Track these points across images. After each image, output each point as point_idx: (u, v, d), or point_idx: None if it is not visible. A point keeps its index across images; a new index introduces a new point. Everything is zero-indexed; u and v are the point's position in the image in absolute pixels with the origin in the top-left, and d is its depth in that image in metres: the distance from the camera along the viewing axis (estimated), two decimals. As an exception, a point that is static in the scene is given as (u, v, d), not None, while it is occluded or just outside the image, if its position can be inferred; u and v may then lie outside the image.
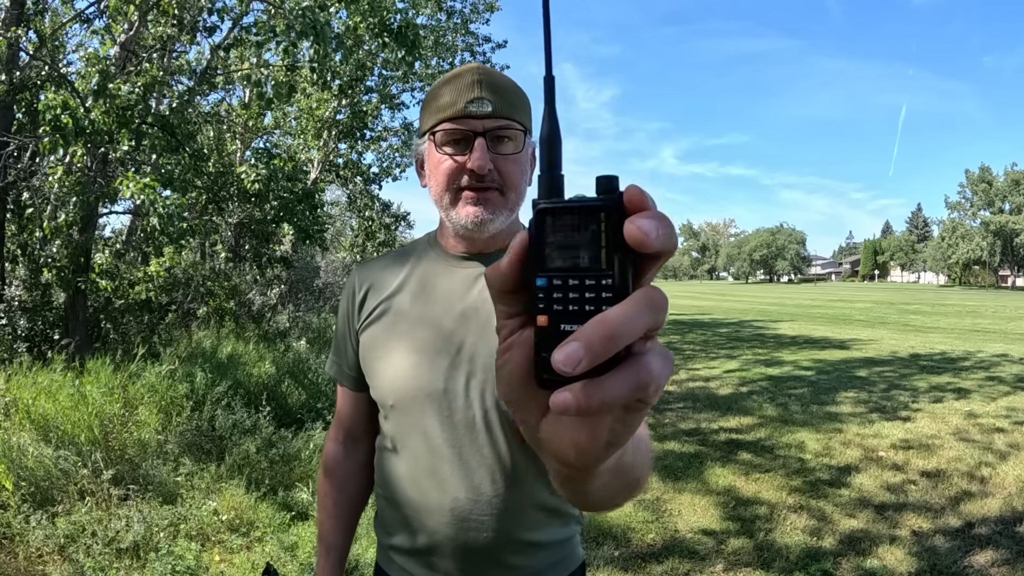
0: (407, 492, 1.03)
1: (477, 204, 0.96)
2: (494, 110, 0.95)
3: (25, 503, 3.22)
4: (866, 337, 13.55)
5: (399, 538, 1.06)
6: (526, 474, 1.00)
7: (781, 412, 6.34)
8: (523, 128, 0.99)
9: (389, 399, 1.03)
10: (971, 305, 28.10)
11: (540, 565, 1.03)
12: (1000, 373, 8.57)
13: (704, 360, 10.08)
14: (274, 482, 3.76)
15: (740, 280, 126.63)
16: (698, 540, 3.47)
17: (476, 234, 0.99)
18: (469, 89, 0.95)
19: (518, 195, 1.00)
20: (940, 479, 4.41)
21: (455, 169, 0.96)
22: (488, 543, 0.98)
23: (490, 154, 0.95)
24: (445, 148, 0.97)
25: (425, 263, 1.08)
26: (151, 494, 3.48)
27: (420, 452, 1.00)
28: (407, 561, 1.05)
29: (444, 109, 0.96)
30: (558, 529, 1.05)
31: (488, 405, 0.98)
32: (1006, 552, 3.32)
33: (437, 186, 0.99)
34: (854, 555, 3.29)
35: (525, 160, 1.01)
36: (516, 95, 0.99)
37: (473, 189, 0.96)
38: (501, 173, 0.96)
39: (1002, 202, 74.21)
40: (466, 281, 1.04)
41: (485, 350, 0.99)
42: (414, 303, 1.05)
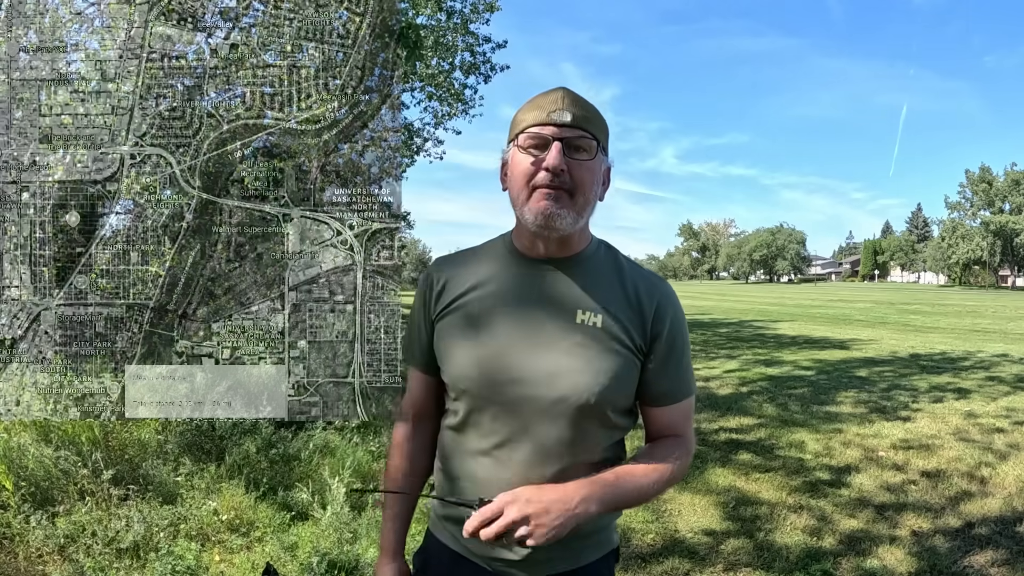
0: (467, 467, 1.16)
1: (547, 199, 1.05)
2: (573, 120, 1.06)
3: (25, 503, 3.22)
4: (866, 337, 13.55)
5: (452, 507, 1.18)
6: (577, 462, 1.12)
7: (781, 412, 6.34)
8: (598, 141, 1.09)
9: (461, 383, 1.14)
10: (971, 305, 28.10)
11: (578, 544, 1.16)
12: (1000, 373, 8.56)
13: (704, 360, 10.08)
14: (274, 482, 3.76)
15: (740, 280, 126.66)
16: (698, 540, 3.47)
17: (545, 229, 1.07)
18: (553, 102, 1.08)
19: (586, 200, 1.09)
20: (940, 479, 4.41)
21: (533, 167, 1.06)
22: None
23: (565, 158, 1.05)
24: (527, 150, 1.07)
25: (501, 262, 1.19)
26: (151, 494, 3.48)
27: (484, 432, 1.13)
28: (457, 529, 1.16)
29: (530, 117, 1.08)
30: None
31: (551, 398, 1.09)
32: (1006, 552, 3.32)
33: (515, 183, 1.10)
34: (854, 555, 3.30)
35: (597, 169, 1.10)
36: (595, 114, 1.11)
37: (546, 187, 1.05)
38: (573, 176, 1.06)
39: (1002, 202, 74.24)
40: (539, 283, 1.15)
41: (555, 347, 1.10)
42: (489, 299, 1.15)
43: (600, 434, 1.14)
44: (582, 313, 1.11)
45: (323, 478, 3.69)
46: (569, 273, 1.14)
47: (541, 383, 1.08)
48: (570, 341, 1.09)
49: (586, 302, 1.12)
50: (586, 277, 1.14)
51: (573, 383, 1.08)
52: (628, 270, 1.19)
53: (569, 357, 1.09)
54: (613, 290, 1.14)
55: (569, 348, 1.09)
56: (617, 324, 1.11)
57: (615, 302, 1.13)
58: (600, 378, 1.08)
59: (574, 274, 1.14)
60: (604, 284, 1.15)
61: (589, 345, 1.09)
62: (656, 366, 1.16)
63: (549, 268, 1.14)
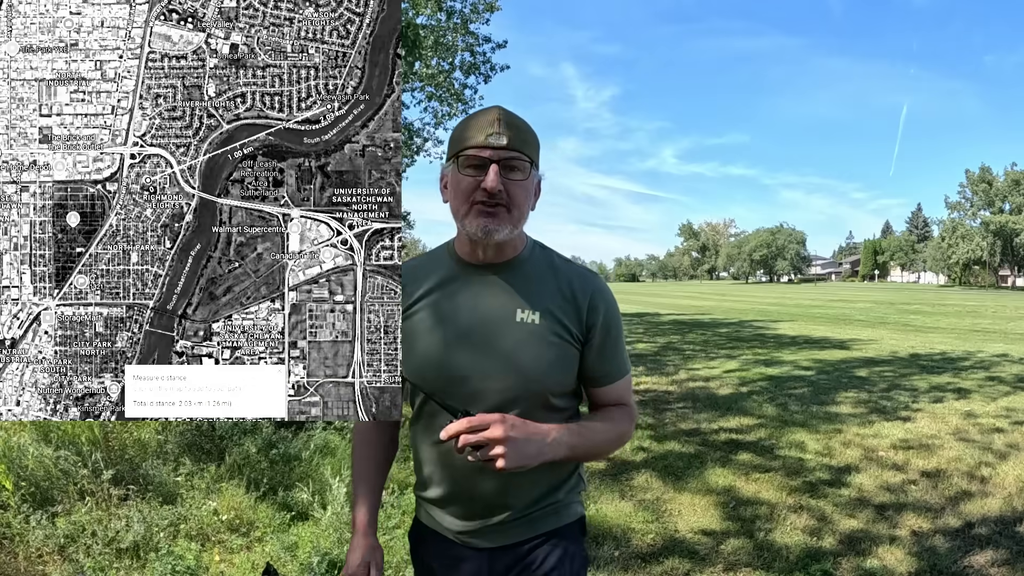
0: (430, 454, 1.31)
1: (486, 216, 1.16)
2: (508, 143, 1.15)
3: (25, 503, 3.22)
4: (866, 337, 13.55)
5: (428, 491, 1.35)
6: None
7: (781, 412, 6.34)
8: (531, 161, 1.19)
9: (420, 382, 1.24)
10: (971, 305, 28.11)
11: (533, 508, 1.30)
12: (1000, 373, 8.57)
13: (704, 360, 10.08)
14: (274, 482, 3.76)
15: (740, 280, 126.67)
16: (698, 540, 3.47)
17: (485, 240, 1.19)
18: (490, 125, 1.17)
19: (521, 213, 1.20)
20: (940, 479, 4.41)
21: (472, 187, 1.16)
22: (491, 491, 1.26)
23: (501, 178, 1.15)
24: (466, 170, 1.17)
25: (447, 270, 1.30)
26: (151, 494, 3.48)
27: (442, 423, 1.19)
28: (435, 509, 1.35)
29: (468, 139, 1.17)
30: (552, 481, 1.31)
31: (497, 389, 1.21)
32: (1006, 552, 3.32)
33: (456, 200, 1.20)
34: (854, 555, 3.30)
35: (530, 186, 1.21)
36: (529, 134, 1.20)
37: (485, 204, 1.16)
38: (509, 194, 1.16)
39: (1002, 202, 74.25)
40: (482, 288, 1.27)
41: (499, 345, 1.22)
42: (440, 303, 1.27)
43: (549, 415, 1.24)
44: (521, 312, 1.23)
45: (323, 478, 3.69)
46: (507, 277, 1.26)
47: (489, 378, 1.21)
48: (512, 339, 1.22)
49: (524, 302, 1.24)
50: (523, 279, 1.27)
51: (518, 375, 1.21)
52: (562, 268, 1.30)
53: (513, 353, 1.21)
54: (548, 288, 1.27)
55: (512, 345, 1.22)
56: (553, 318, 1.24)
57: (551, 299, 1.25)
58: (541, 367, 1.22)
59: (512, 277, 1.26)
60: (539, 284, 1.27)
61: (529, 340, 1.22)
62: (595, 352, 1.28)
63: (489, 273, 1.26)
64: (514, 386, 1.21)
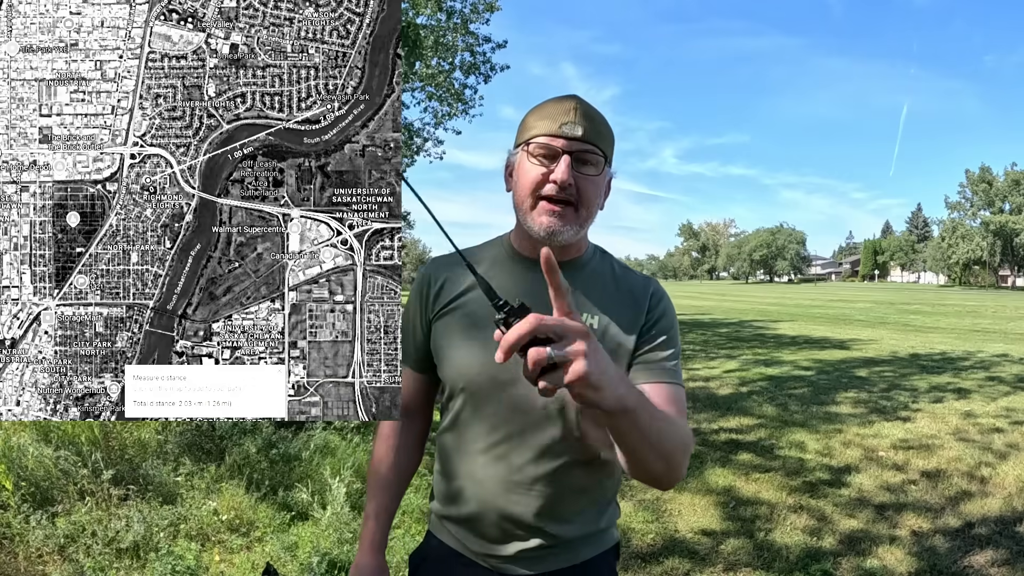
0: (465, 465, 1.17)
1: (553, 216, 1.08)
2: (583, 135, 1.07)
3: (25, 503, 3.22)
4: (866, 337, 13.55)
5: (451, 507, 1.21)
6: (569, 460, 1.14)
7: (781, 412, 6.34)
8: (605, 156, 1.10)
9: (460, 382, 1.15)
10: (971, 305, 28.10)
11: (573, 536, 1.17)
12: (1000, 373, 8.57)
13: (704, 360, 10.08)
14: (274, 482, 3.76)
15: (740, 280, 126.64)
16: (698, 540, 3.47)
17: (547, 242, 1.09)
18: (565, 113, 1.08)
19: (590, 213, 1.12)
20: (940, 479, 4.41)
21: (541, 178, 1.07)
22: (528, 514, 1.13)
23: (573, 172, 1.06)
24: (536, 159, 1.08)
25: (501, 263, 1.21)
26: (151, 494, 3.48)
27: (482, 431, 1.14)
28: (457, 528, 1.21)
29: (541, 126, 1.09)
30: (594, 514, 1.20)
31: (550, 399, 1.06)
32: (1006, 552, 3.33)
33: (522, 191, 1.11)
34: (854, 555, 3.30)
35: (602, 184, 1.12)
36: (605, 127, 1.11)
37: (552, 200, 1.07)
38: (579, 190, 1.07)
39: (1002, 202, 74.27)
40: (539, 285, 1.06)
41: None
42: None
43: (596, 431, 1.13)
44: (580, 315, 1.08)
45: (323, 478, 3.69)
46: (568, 277, 1.12)
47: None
48: None
49: (585, 304, 1.14)
50: (584, 281, 1.17)
51: None
52: (621, 274, 1.22)
53: None
54: (609, 292, 1.18)
55: None
56: (614, 325, 1.14)
57: (612, 304, 1.16)
58: None
59: (573, 278, 1.16)
60: (601, 287, 1.18)
61: None
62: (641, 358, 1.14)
63: None
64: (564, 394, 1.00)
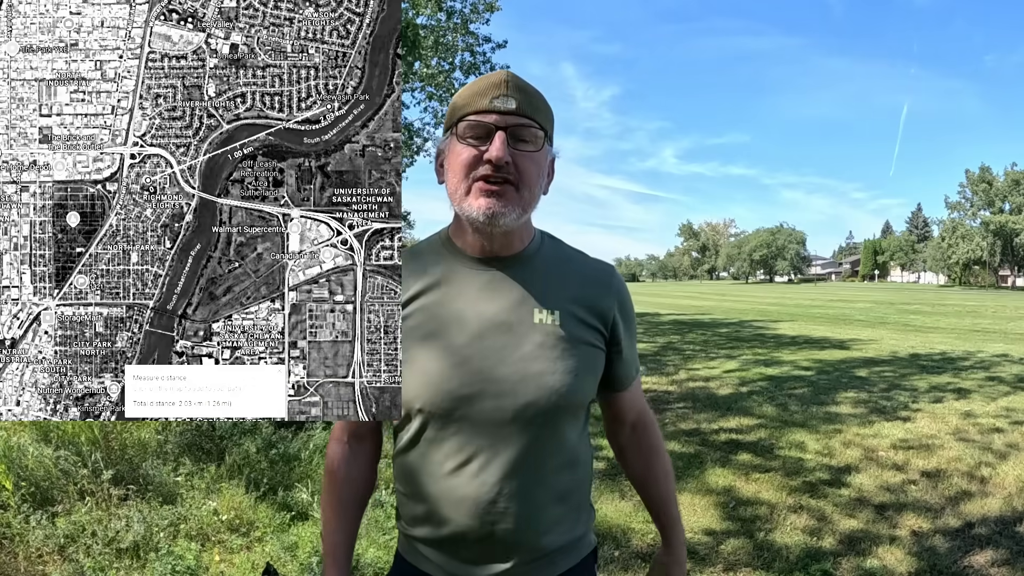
0: (433, 487, 1.06)
1: (490, 196, 0.97)
2: (518, 108, 0.97)
3: (25, 503, 3.22)
4: (866, 337, 13.55)
5: (423, 530, 1.09)
6: (551, 469, 1.06)
7: (781, 412, 6.34)
8: (544, 132, 1.01)
9: (417, 402, 1.03)
10: (971, 305, 28.10)
11: (552, 547, 1.09)
12: (1000, 373, 8.57)
13: (704, 360, 10.08)
14: (274, 482, 3.76)
15: (740, 280, 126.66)
16: (698, 540, 3.47)
17: (488, 227, 1.00)
18: (495, 87, 0.98)
19: (532, 194, 1.01)
20: (940, 479, 4.41)
21: (474, 159, 0.98)
22: (508, 531, 1.04)
23: (509, 148, 0.96)
24: (467, 140, 0.98)
25: (444, 266, 1.08)
26: (151, 494, 3.48)
27: (448, 452, 1.03)
28: (431, 551, 1.09)
29: (469, 104, 0.99)
30: (571, 517, 1.12)
31: (518, 406, 1.01)
32: (1006, 552, 3.33)
33: (454, 176, 1.00)
34: (854, 555, 3.30)
35: (543, 161, 1.02)
36: (541, 100, 1.02)
37: (489, 181, 0.97)
38: (519, 168, 0.98)
39: (1002, 202, 74.26)
40: (489, 285, 1.06)
41: (514, 355, 1.02)
42: (438, 307, 1.05)
43: (569, 433, 1.07)
44: (539, 312, 1.04)
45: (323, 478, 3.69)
46: (518, 272, 1.06)
47: (506, 393, 1.01)
48: (530, 343, 1.02)
49: (540, 300, 1.05)
50: (536, 274, 1.07)
51: (540, 387, 1.01)
52: (576, 260, 1.13)
53: (532, 361, 1.02)
54: (565, 284, 1.08)
55: (530, 351, 1.02)
56: (575, 318, 1.06)
57: (569, 296, 1.07)
58: (567, 377, 1.02)
59: (523, 272, 1.06)
60: (555, 279, 1.08)
61: (551, 344, 1.03)
62: (619, 351, 1.13)
63: (496, 269, 1.06)
64: (535, 401, 1.01)
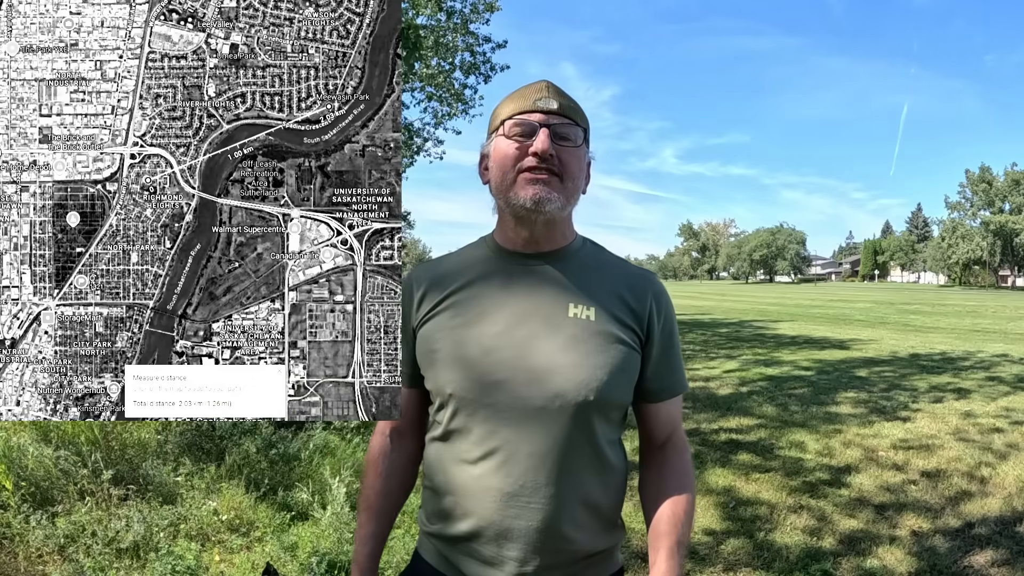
0: (457, 478, 1.06)
1: (537, 184, 1.02)
2: (559, 108, 1.05)
3: (25, 503, 3.22)
4: (866, 337, 13.55)
5: (442, 525, 1.10)
6: (578, 468, 1.05)
7: (781, 412, 6.34)
8: (583, 130, 1.07)
9: (447, 388, 1.05)
10: (971, 305, 28.10)
11: (575, 552, 1.06)
12: (1000, 373, 8.57)
13: (704, 360, 10.08)
14: (274, 482, 3.76)
15: (740, 280, 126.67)
16: (698, 540, 3.47)
17: (534, 214, 1.03)
18: (538, 91, 1.07)
19: (575, 186, 1.07)
20: (940, 479, 4.41)
21: (519, 152, 1.03)
22: (529, 528, 1.02)
23: (553, 144, 1.02)
24: (512, 137, 1.04)
25: (485, 262, 1.13)
26: (151, 494, 3.48)
27: (474, 440, 1.04)
28: (447, 548, 1.10)
29: (514, 106, 1.06)
30: (599, 530, 1.10)
31: (545, 396, 1.01)
32: (1006, 552, 3.32)
33: (500, 169, 1.06)
34: (854, 555, 3.30)
35: (583, 157, 1.08)
36: (578, 105, 1.09)
37: (534, 171, 1.02)
38: (561, 161, 1.03)
39: (1002, 202, 74.27)
40: (527, 278, 1.09)
41: (547, 343, 1.03)
42: (474, 298, 1.09)
43: (599, 434, 1.05)
44: (574, 307, 1.05)
45: (323, 478, 3.69)
46: (557, 266, 1.09)
47: (534, 382, 1.01)
48: (563, 335, 1.03)
49: (578, 295, 1.06)
50: (575, 270, 1.09)
51: (570, 379, 1.01)
52: (617, 264, 1.15)
53: (563, 352, 1.02)
54: (604, 283, 1.09)
55: (563, 343, 1.02)
56: (611, 316, 1.06)
57: (607, 294, 1.08)
58: (599, 372, 1.02)
59: (563, 267, 1.09)
60: (594, 277, 1.10)
61: (584, 339, 1.03)
62: (656, 359, 1.11)
63: (536, 262, 1.09)
64: (563, 392, 1.01)
